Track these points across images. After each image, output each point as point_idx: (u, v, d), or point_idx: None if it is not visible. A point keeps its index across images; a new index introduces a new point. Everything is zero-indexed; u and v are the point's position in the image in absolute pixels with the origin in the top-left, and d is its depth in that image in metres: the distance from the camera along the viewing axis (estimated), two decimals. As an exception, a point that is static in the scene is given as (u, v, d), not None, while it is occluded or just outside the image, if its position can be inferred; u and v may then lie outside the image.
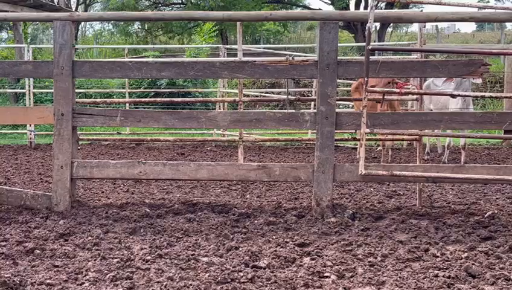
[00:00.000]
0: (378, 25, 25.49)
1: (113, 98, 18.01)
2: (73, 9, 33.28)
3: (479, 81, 8.73)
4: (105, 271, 3.86)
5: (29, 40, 20.22)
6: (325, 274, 3.85)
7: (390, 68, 5.49)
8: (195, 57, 17.67)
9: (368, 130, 5.26)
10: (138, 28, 31.98)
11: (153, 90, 16.80)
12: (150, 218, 5.37)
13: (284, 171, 5.68)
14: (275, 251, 4.33)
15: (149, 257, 4.16)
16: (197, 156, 11.20)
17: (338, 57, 5.53)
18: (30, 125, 13.58)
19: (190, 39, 28.96)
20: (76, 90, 8.26)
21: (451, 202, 6.36)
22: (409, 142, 10.65)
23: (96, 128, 15.64)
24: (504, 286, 3.65)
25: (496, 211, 5.72)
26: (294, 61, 5.70)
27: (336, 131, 5.63)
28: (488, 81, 19.48)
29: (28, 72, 5.88)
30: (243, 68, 5.63)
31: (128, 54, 14.45)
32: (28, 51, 13.70)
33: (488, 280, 3.75)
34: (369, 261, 4.10)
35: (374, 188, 7.15)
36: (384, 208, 5.94)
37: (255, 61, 5.71)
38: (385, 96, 7.13)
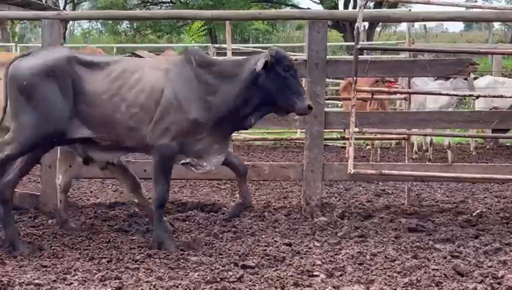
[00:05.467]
0: (367, 24, 25.54)
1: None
2: (61, 8, 33.10)
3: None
4: (94, 271, 3.85)
5: (16, 38, 20.10)
6: (315, 273, 3.85)
7: (379, 67, 5.51)
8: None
9: (356, 129, 5.27)
10: (127, 26, 31.85)
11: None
12: (138, 217, 5.35)
13: (273, 171, 5.68)
14: (264, 250, 4.33)
15: (138, 257, 4.15)
16: (186, 156, 11.16)
17: (327, 56, 5.53)
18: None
19: (179, 38, 28.88)
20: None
21: (440, 201, 6.38)
22: (397, 141, 10.68)
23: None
24: (492, 284, 3.67)
25: (483, 210, 5.75)
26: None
27: (325, 130, 5.64)
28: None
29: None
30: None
31: (116, 53, 14.41)
32: (16, 50, 13.63)
33: (476, 278, 3.77)
34: (358, 260, 4.11)
35: (363, 187, 7.17)
36: (373, 207, 5.95)
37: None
38: (374, 96, 7.16)
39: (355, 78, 5.18)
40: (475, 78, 9.85)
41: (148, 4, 31.26)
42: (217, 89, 4.35)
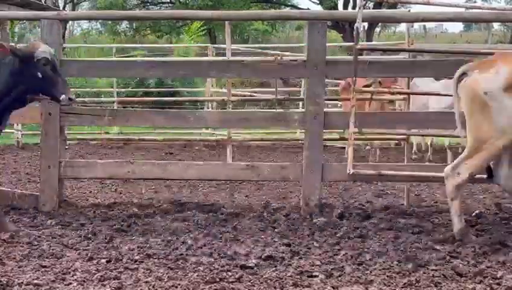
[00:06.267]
0: (366, 24, 25.57)
1: (101, 97, 17.92)
2: (61, 8, 33.11)
3: None
4: (93, 271, 3.85)
5: (16, 39, 20.09)
6: (314, 273, 3.86)
7: (378, 68, 5.51)
8: (184, 56, 17.62)
9: (356, 130, 5.27)
10: (126, 27, 31.87)
11: (141, 89, 16.73)
12: (138, 218, 5.35)
13: (273, 171, 5.69)
14: (264, 250, 4.33)
15: (137, 257, 4.15)
16: (186, 156, 11.18)
17: (326, 57, 5.54)
18: (17, 124, 13.48)
19: (178, 38, 28.88)
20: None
21: (439, 201, 6.39)
22: (397, 141, 10.69)
23: (84, 128, 15.55)
24: (491, 284, 3.67)
25: (482, 210, 5.76)
26: (283, 61, 5.71)
27: (324, 130, 5.64)
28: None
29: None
30: (231, 68, 5.63)
31: (116, 53, 14.40)
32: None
33: (475, 278, 3.77)
34: (357, 261, 4.11)
35: (362, 188, 7.17)
36: (372, 207, 5.95)
37: (243, 60, 5.72)
38: (373, 97, 7.16)
39: (354, 78, 5.19)
40: None
41: (148, 4, 31.27)
42: None
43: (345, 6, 27.33)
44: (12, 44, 4.49)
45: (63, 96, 4.54)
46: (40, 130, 5.74)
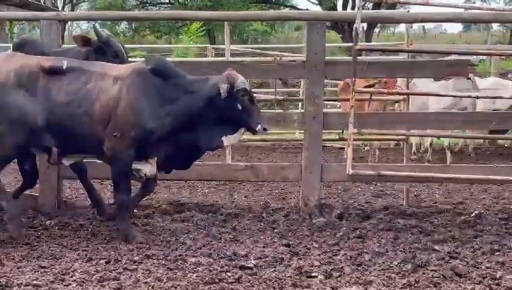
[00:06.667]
0: (365, 25, 25.57)
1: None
2: (60, 8, 33.10)
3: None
4: (92, 272, 3.85)
5: (15, 39, 20.06)
6: (313, 274, 3.86)
7: (378, 68, 5.51)
8: (183, 56, 17.61)
9: (355, 130, 5.27)
10: (125, 27, 31.85)
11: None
12: (137, 218, 5.34)
13: (272, 171, 5.68)
14: (263, 251, 4.34)
15: (136, 258, 4.15)
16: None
17: (326, 57, 5.53)
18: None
19: (177, 39, 28.87)
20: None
21: (438, 202, 6.39)
22: (396, 142, 10.68)
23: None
24: (490, 285, 3.67)
25: (482, 211, 5.75)
26: (282, 61, 5.71)
27: (323, 131, 5.64)
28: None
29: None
30: (231, 68, 5.62)
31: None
32: (14, 50, 13.59)
33: (475, 279, 3.78)
34: (357, 261, 4.11)
35: (362, 188, 7.17)
36: (372, 207, 5.95)
37: (242, 61, 5.72)
38: (372, 97, 7.15)
39: (354, 79, 5.18)
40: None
41: (147, 5, 31.26)
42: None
43: (344, 7, 27.31)
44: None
45: (258, 127, 4.52)
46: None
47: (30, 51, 4.83)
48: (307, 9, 25.84)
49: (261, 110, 5.08)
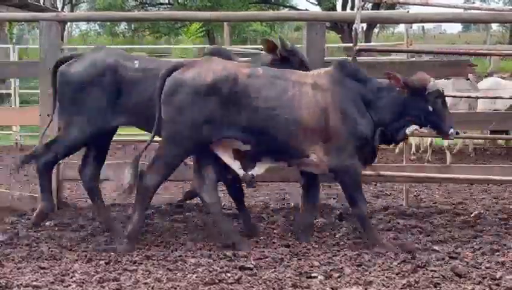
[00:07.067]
0: (364, 25, 25.58)
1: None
2: (59, 9, 33.10)
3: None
4: (92, 273, 3.85)
5: (14, 40, 20.08)
6: (313, 274, 3.86)
7: (377, 69, 5.50)
8: (183, 57, 17.59)
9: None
10: (125, 28, 31.83)
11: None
12: (137, 219, 5.33)
13: (272, 172, 5.67)
14: (263, 251, 4.33)
15: (136, 258, 4.15)
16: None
17: (325, 58, 5.53)
18: (16, 126, 13.46)
19: (177, 39, 28.86)
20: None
21: (438, 202, 6.39)
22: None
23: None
24: (490, 285, 3.67)
25: (482, 211, 5.75)
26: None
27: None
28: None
29: (14, 72, 5.84)
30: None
31: (115, 54, 14.34)
32: (14, 51, 13.57)
33: (475, 279, 3.77)
34: (357, 262, 4.11)
35: (361, 188, 7.16)
36: (372, 208, 5.95)
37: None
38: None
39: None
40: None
41: (146, 5, 31.24)
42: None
43: (344, 7, 27.32)
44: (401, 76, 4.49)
45: (451, 131, 4.53)
46: (39, 131, 5.73)
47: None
48: (307, 10, 25.84)
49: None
